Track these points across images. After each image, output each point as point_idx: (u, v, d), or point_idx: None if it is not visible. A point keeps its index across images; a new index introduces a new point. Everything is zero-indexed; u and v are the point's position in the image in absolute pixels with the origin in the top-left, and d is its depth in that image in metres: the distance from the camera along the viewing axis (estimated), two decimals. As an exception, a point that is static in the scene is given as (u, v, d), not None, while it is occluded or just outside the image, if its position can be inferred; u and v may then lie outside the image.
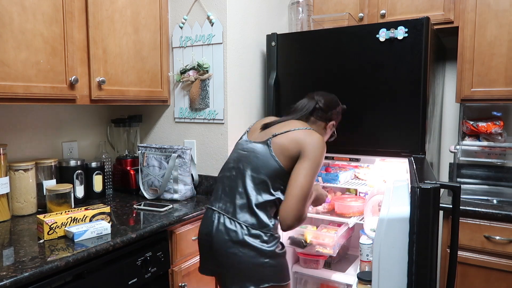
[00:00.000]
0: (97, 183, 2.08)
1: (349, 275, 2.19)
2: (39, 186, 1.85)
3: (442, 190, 1.71)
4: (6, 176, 1.70)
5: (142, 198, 2.09)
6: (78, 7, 1.71)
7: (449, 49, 2.50)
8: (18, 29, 1.49)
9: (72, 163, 1.97)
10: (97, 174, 2.08)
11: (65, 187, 1.76)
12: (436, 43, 2.12)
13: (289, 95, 2.17)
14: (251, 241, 1.42)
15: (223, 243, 1.44)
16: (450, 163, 2.57)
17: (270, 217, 1.47)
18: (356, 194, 2.40)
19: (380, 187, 1.94)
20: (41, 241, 1.43)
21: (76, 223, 1.51)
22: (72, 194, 1.80)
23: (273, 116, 1.74)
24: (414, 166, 1.40)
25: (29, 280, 1.18)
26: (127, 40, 1.94)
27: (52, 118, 2.05)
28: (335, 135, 1.78)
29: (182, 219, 1.77)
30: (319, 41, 2.08)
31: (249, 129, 1.66)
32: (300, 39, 2.14)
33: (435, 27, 2.16)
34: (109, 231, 1.51)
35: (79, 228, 1.45)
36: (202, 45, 2.13)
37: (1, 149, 1.67)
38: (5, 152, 1.70)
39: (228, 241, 1.43)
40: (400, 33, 1.86)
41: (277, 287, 1.46)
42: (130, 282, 1.52)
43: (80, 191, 1.98)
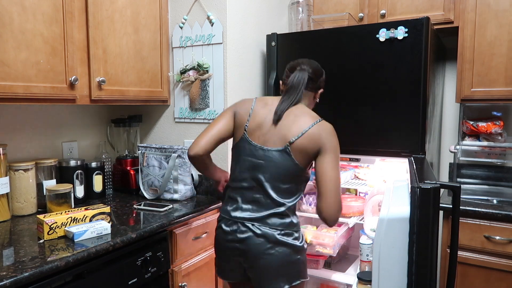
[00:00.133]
0: (97, 183, 2.08)
1: (349, 275, 2.19)
2: (39, 186, 1.85)
3: (442, 190, 1.71)
4: (6, 176, 1.70)
5: (142, 198, 2.09)
6: (78, 7, 1.71)
7: (449, 49, 2.50)
8: (18, 29, 1.49)
9: (72, 163, 1.97)
10: (97, 174, 2.08)
11: (65, 187, 1.76)
12: (436, 43, 2.12)
13: (289, 95, 2.17)
14: (285, 239, 1.45)
15: (258, 246, 1.44)
16: (450, 163, 2.57)
17: (296, 216, 1.53)
18: (356, 194, 2.40)
19: (380, 187, 1.94)
20: (41, 241, 1.43)
21: (76, 223, 1.51)
22: (72, 194, 1.80)
23: (268, 98, 1.59)
24: (414, 166, 1.40)
25: (29, 280, 1.18)
26: (127, 40, 1.94)
27: (52, 118, 2.05)
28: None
29: (182, 219, 1.77)
30: (319, 41, 2.08)
31: (247, 127, 1.51)
32: (300, 39, 2.14)
33: (435, 27, 2.17)
34: (109, 231, 1.51)
35: (79, 228, 1.45)
36: (202, 45, 2.13)
37: (1, 149, 1.67)
38: (5, 152, 1.70)
39: (263, 243, 1.44)
40: (400, 33, 1.86)
41: (302, 284, 1.52)
42: (130, 282, 1.52)
43: (80, 191, 1.98)
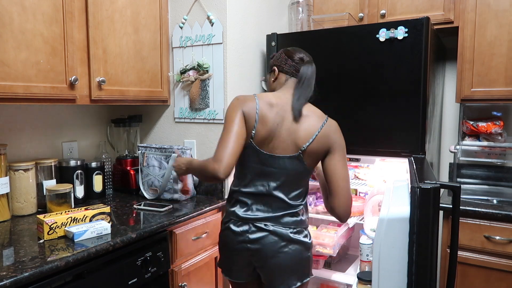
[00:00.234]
0: (97, 183, 2.08)
1: (349, 275, 2.19)
2: (39, 186, 1.85)
3: (442, 190, 1.71)
4: (6, 176, 1.70)
5: (142, 198, 2.09)
6: (78, 7, 1.71)
7: (449, 49, 2.50)
8: (18, 29, 1.49)
9: (72, 163, 1.97)
10: (97, 174, 2.07)
11: (65, 187, 1.76)
12: (436, 43, 2.12)
13: (289, 95, 2.17)
14: (297, 237, 1.47)
15: (272, 245, 1.45)
16: (450, 163, 2.57)
17: (307, 213, 1.56)
18: (356, 194, 2.40)
19: (380, 187, 1.94)
20: (41, 241, 1.43)
21: (76, 223, 1.51)
22: (72, 194, 1.80)
23: (270, 96, 1.46)
24: (414, 166, 1.40)
25: (29, 280, 1.18)
26: (127, 40, 1.94)
27: (52, 118, 2.05)
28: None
29: (182, 219, 1.77)
30: (319, 41, 2.08)
31: (254, 134, 1.41)
32: (300, 39, 2.14)
33: (435, 27, 2.17)
34: (109, 231, 1.51)
35: (79, 228, 1.45)
36: (202, 45, 2.13)
37: (1, 149, 1.67)
38: (5, 152, 1.70)
39: (277, 242, 1.45)
40: (400, 33, 1.86)
41: (308, 281, 1.54)
42: (130, 282, 1.52)
43: (80, 191, 1.98)
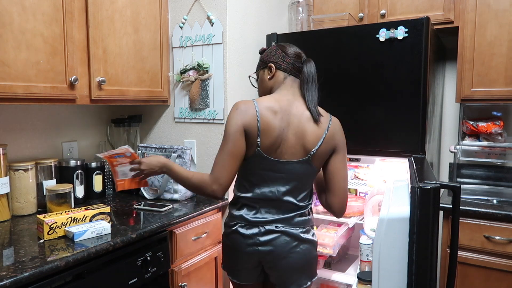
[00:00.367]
0: (97, 183, 2.08)
1: (349, 275, 2.19)
2: (39, 186, 1.85)
3: (442, 190, 1.71)
4: (6, 176, 1.70)
5: (142, 198, 2.09)
6: (78, 7, 1.71)
7: (449, 49, 2.50)
8: (18, 29, 1.49)
9: (72, 163, 1.97)
10: (97, 174, 2.07)
11: (65, 187, 1.76)
12: (436, 43, 2.12)
13: (289, 95, 2.17)
14: (307, 236, 1.48)
15: (284, 246, 1.45)
16: (450, 163, 2.57)
17: (312, 212, 1.57)
18: (356, 194, 2.40)
19: (380, 187, 1.94)
20: (41, 241, 1.43)
21: (76, 223, 1.51)
22: (72, 194, 1.80)
23: (271, 101, 1.43)
24: (414, 166, 1.40)
25: (29, 280, 1.18)
26: (127, 40, 1.94)
27: (52, 118, 2.05)
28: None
29: (182, 219, 1.77)
30: (319, 41, 2.08)
31: (260, 142, 1.39)
32: (300, 39, 2.14)
33: (435, 27, 2.17)
34: (109, 231, 1.51)
35: (79, 228, 1.45)
36: (202, 45, 2.13)
37: (1, 149, 1.67)
38: (5, 152, 1.69)
39: (289, 242, 1.45)
40: (400, 33, 1.86)
41: (314, 282, 1.56)
42: (130, 282, 1.52)
43: (80, 191, 1.98)
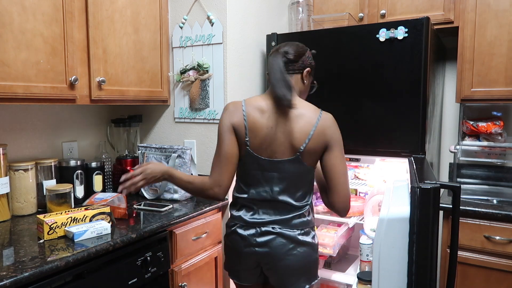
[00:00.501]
0: (97, 183, 2.08)
1: (349, 275, 2.19)
2: (39, 186, 1.85)
3: (442, 190, 1.71)
4: (6, 176, 1.70)
5: (142, 198, 2.09)
6: (78, 7, 1.71)
7: (449, 49, 2.50)
8: (18, 29, 1.49)
9: (72, 163, 1.97)
10: (97, 174, 2.07)
11: (65, 187, 1.76)
12: (436, 43, 2.12)
13: (289, 95, 2.17)
14: (305, 238, 1.45)
15: (280, 248, 1.43)
16: (450, 163, 2.57)
17: (312, 213, 1.53)
18: (356, 194, 2.40)
19: (380, 187, 1.94)
20: (41, 241, 1.43)
21: (76, 223, 1.51)
22: (72, 194, 1.80)
23: (258, 100, 1.46)
24: (414, 166, 1.40)
25: (29, 280, 1.18)
26: (127, 40, 1.94)
27: (52, 118, 2.05)
28: (315, 85, 1.60)
29: (182, 219, 1.77)
30: (319, 41, 2.08)
31: (249, 141, 1.42)
32: (300, 39, 2.12)
33: (435, 27, 2.17)
34: (109, 231, 1.51)
35: (79, 228, 1.45)
36: (202, 45, 2.13)
37: (1, 149, 1.67)
38: (5, 152, 1.69)
39: (286, 244, 1.43)
40: (400, 33, 1.86)
41: (316, 283, 1.53)
42: (130, 282, 1.51)
43: (80, 191, 1.98)
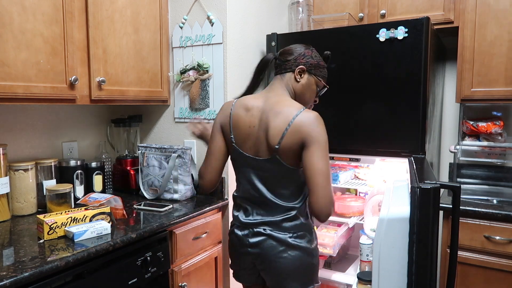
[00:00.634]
0: (97, 183, 2.08)
1: (349, 275, 2.19)
2: (39, 186, 1.85)
3: (442, 190, 1.71)
4: (6, 176, 1.70)
5: (142, 198, 2.09)
6: (78, 7, 1.71)
7: (449, 49, 2.50)
8: (18, 29, 1.49)
9: (72, 163, 1.97)
10: (97, 174, 2.07)
11: (65, 187, 1.76)
12: (436, 43, 2.12)
13: (289, 95, 2.17)
14: (298, 242, 1.42)
15: (271, 249, 1.42)
16: (450, 163, 2.57)
17: (307, 216, 1.48)
18: (356, 194, 2.40)
19: (380, 187, 1.94)
20: (41, 241, 1.43)
21: (76, 223, 1.51)
22: (72, 194, 1.79)
23: (248, 99, 1.48)
24: (414, 166, 1.40)
25: (29, 280, 1.18)
26: (127, 40, 1.94)
27: (52, 118, 2.05)
28: (323, 87, 1.54)
29: (182, 219, 1.77)
30: (319, 41, 2.08)
31: (233, 138, 1.47)
32: (300, 39, 2.14)
33: (435, 27, 2.17)
34: (109, 231, 1.51)
35: (79, 228, 1.45)
36: (202, 45, 2.13)
37: (1, 149, 1.67)
38: (5, 152, 1.69)
39: (276, 246, 1.42)
40: (400, 33, 1.86)
41: None
42: (130, 282, 1.51)
43: (80, 191, 1.98)
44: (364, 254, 2.00)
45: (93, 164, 2.07)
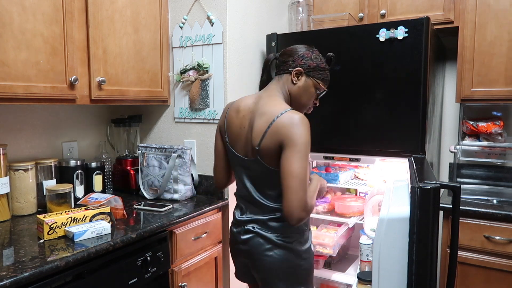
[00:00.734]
0: (97, 183, 2.08)
1: (349, 275, 2.19)
2: (39, 186, 1.85)
3: (442, 190, 1.71)
4: (6, 176, 1.70)
5: (142, 198, 2.09)
6: (78, 7, 1.71)
7: (449, 49, 2.50)
8: (18, 29, 1.49)
9: (72, 163, 1.97)
10: (97, 174, 2.08)
11: (65, 187, 1.76)
12: (436, 43, 2.12)
13: (289, 95, 2.17)
14: (285, 242, 1.41)
15: (258, 247, 1.43)
16: (450, 163, 2.57)
17: None
18: (356, 194, 2.40)
19: (380, 187, 1.94)
20: (41, 241, 1.43)
21: (76, 223, 1.51)
22: (72, 194, 1.80)
23: (241, 101, 1.50)
24: (414, 166, 1.40)
25: (29, 280, 1.18)
26: (127, 40, 1.94)
27: (52, 118, 2.05)
28: (322, 89, 1.50)
29: (182, 219, 1.77)
30: (319, 41, 2.07)
31: (227, 138, 1.50)
32: (300, 39, 2.14)
33: (435, 27, 2.16)
34: (109, 231, 1.51)
35: (79, 228, 1.45)
36: (202, 45, 2.13)
37: (1, 149, 1.67)
38: (5, 152, 1.69)
39: (263, 244, 1.42)
40: (400, 33, 1.86)
41: None
42: (130, 282, 1.51)
43: (80, 191, 1.98)
44: (364, 254, 2.00)
45: (93, 164, 2.07)
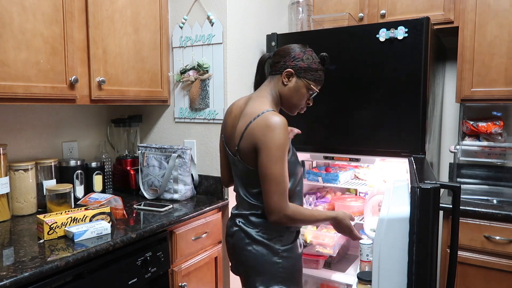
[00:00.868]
0: (97, 183, 2.08)
1: (349, 275, 2.19)
2: (39, 186, 1.85)
3: (442, 190, 1.71)
4: (6, 176, 1.70)
5: (142, 198, 2.09)
6: (78, 7, 1.71)
7: (449, 49, 2.50)
8: (18, 29, 1.49)
9: (72, 163, 1.97)
10: (97, 174, 2.08)
11: (65, 187, 1.76)
12: (436, 43, 2.12)
13: (289, 95, 2.16)
14: (263, 238, 1.42)
15: (239, 241, 1.46)
16: (450, 163, 2.57)
17: None
18: (356, 194, 2.40)
19: (380, 187, 1.94)
20: (41, 241, 1.43)
21: (76, 223, 1.51)
22: (72, 194, 1.80)
23: (236, 103, 1.53)
24: (414, 166, 1.40)
25: (29, 280, 1.18)
26: (127, 40, 1.94)
27: (52, 118, 2.05)
28: (313, 91, 1.46)
29: (182, 219, 1.77)
30: (319, 41, 2.08)
31: (224, 137, 1.53)
32: (300, 39, 2.13)
33: (435, 27, 2.16)
34: (109, 231, 1.51)
35: (79, 228, 1.45)
36: (202, 45, 2.13)
37: (1, 149, 1.67)
38: (5, 152, 1.69)
39: (243, 239, 1.44)
40: (400, 33, 1.86)
41: None
42: (130, 282, 1.52)
43: (80, 191, 1.98)
44: (364, 254, 1.99)
45: (93, 164, 2.07)
